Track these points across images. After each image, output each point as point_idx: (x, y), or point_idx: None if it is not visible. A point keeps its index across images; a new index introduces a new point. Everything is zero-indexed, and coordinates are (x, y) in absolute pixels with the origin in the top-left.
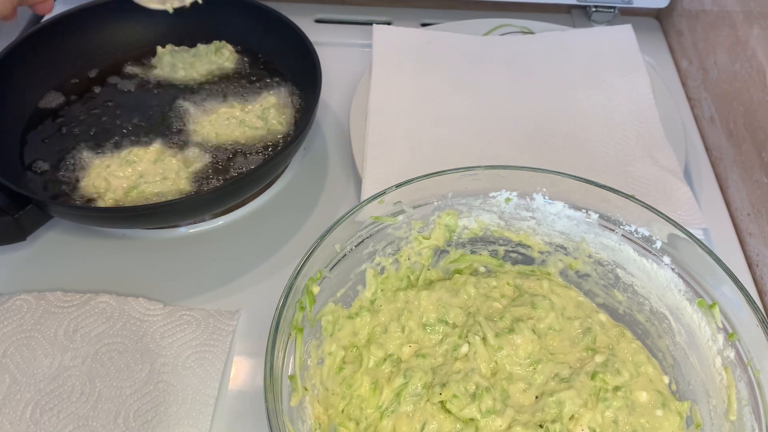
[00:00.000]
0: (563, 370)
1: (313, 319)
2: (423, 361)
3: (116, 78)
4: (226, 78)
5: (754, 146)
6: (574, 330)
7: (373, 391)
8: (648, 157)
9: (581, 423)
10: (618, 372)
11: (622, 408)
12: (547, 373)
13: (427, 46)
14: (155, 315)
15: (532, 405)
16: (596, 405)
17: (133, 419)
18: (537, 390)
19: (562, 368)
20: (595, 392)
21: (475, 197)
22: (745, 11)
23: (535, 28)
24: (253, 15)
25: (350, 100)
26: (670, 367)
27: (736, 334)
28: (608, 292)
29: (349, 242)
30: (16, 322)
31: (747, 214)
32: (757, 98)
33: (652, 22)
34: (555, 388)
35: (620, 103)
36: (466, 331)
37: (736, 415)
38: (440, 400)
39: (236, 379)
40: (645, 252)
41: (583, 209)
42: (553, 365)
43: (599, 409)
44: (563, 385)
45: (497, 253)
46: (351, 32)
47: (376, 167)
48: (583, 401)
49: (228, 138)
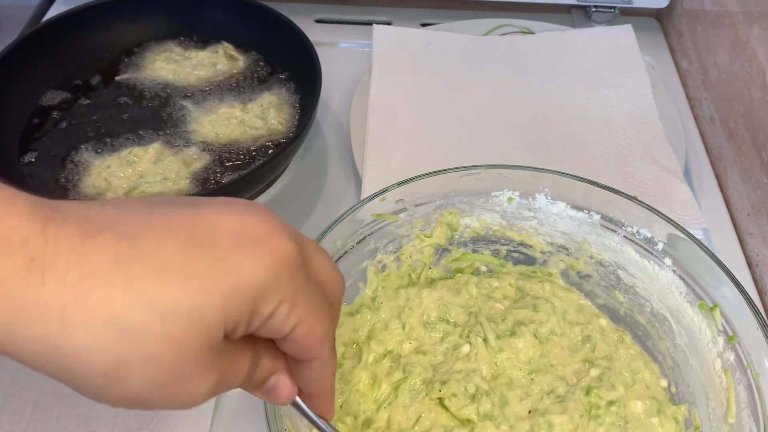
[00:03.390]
0: (560, 387)
1: None
2: (423, 357)
3: (116, 78)
4: (226, 78)
5: (754, 146)
6: (575, 336)
7: (371, 385)
8: (648, 157)
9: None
10: (613, 387)
11: (614, 425)
12: (543, 386)
13: (427, 46)
14: None
15: (524, 420)
16: (588, 425)
17: (133, 419)
18: (532, 403)
19: (560, 384)
20: (588, 409)
21: (477, 196)
22: (745, 11)
23: (535, 28)
24: (253, 15)
25: (350, 100)
26: (670, 370)
27: (736, 337)
28: (609, 293)
29: (350, 239)
30: None
31: (747, 214)
32: (757, 98)
33: (652, 22)
34: (549, 407)
35: (620, 103)
36: (468, 331)
37: (734, 418)
38: (439, 397)
39: None
40: (646, 253)
41: (585, 210)
42: (551, 378)
43: (590, 428)
44: (557, 406)
45: (499, 253)
46: (351, 32)
47: (376, 167)
48: (574, 426)
49: (228, 138)
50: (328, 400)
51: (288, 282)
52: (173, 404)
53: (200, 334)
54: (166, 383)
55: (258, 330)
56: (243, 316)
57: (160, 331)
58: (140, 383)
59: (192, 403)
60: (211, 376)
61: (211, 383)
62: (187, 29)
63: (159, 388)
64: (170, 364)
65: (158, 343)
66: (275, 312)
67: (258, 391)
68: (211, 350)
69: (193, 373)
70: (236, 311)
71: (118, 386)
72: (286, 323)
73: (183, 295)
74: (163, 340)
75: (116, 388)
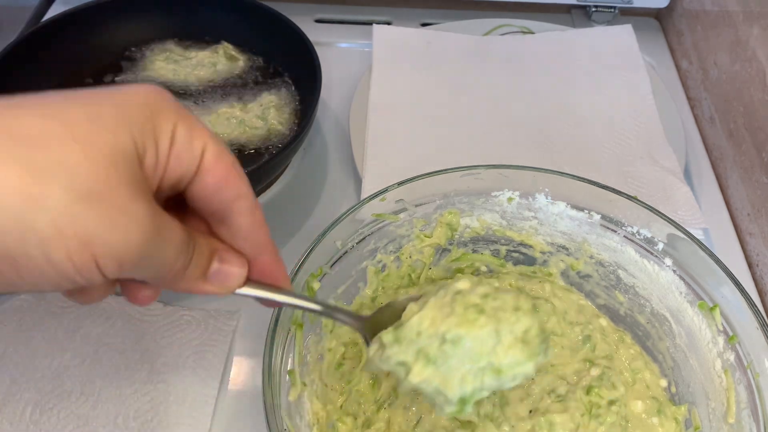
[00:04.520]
0: (560, 387)
1: None
2: None
3: (116, 78)
4: (226, 78)
5: (754, 146)
6: (575, 336)
7: (372, 386)
8: (648, 157)
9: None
10: (613, 386)
11: (615, 424)
12: (544, 385)
13: (427, 46)
14: (155, 315)
15: (525, 420)
16: (588, 424)
17: (132, 419)
18: (532, 403)
19: (560, 384)
20: (588, 408)
21: (478, 196)
22: (745, 11)
23: (535, 28)
24: (253, 15)
25: (350, 100)
26: (670, 370)
27: (736, 337)
28: (609, 293)
29: (350, 239)
30: (16, 322)
31: (747, 214)
32: (757, 98)
33: (652, 22)
34: (549, 407)
35: (620, 103)
36: None
37: (734, 418)
38: None
39: (236, 379)
40: (647, 253)
41: (585, 210)
42: (551, 378)
43: (591, 427)
44: (558, 406)
45: (499, 253)
46: (351, 32)
47: (376, 167)
48: (575, 425)
49: (228, 138)
50: (274, 262)
51: (178, 105)
52: (113, 231)
53: (106, 132)
54: (92, 192)
55: (170, 163)
56: (146, 128)
57: (63, 133)
58: (61, 195)
59: (134, 232)
60: (140, 198)
61: (143, 210)
62: (187, 29)
63: (85, 200)
64: (86, 166)
65: (65, 145)
66: (176, 132)
67: (206, 283)
68: (125, 161)
69: (117, 184)
70: (137, 119)
71: (39, 205)
72: (193, 145)
73: (81, 108)
74: (70, 142)
75: (37, 208)
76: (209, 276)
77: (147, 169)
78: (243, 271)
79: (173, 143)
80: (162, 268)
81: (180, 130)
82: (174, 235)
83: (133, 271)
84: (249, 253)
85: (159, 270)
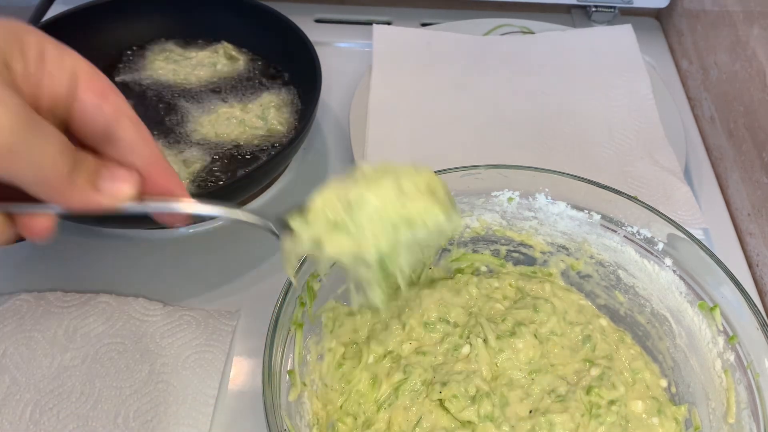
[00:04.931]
0: (560, 387)
1: (314, 315)
2: (423, 358)
3: (116, 78)
4: (226, 78)
5: (754, 146)
6: (575, 336)
7: (371, 386)
8: (648, 157)
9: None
10: (614, 386)
11: (615, 424)
12: (544, 385)
13: (427, 46)
14: (155, 315)
15: (525, 420)
16: (589, 424)
17: (132, 419)
18: (532, 403)
19: (560, 384)
20: (588, 408)
21: (478, 196)
22: (745, 11)
23: (535, 28)
24: (253, 15)
25: (350, 100)
26: (670, 370)
27: (736, 337)
28: (610, 293)
29: None
30: (15, 322)
31: (747, 214)
32: (757, 98)
33: (652, 22)
34: (549, 407)
35: (620, 103)
36: (468, 332)
37: (734, 418)
38: (439, 399)
39: (236, 379)
40: (647, 253)
41: (585, 210)
42: (551, 378)
43: (591, 427)
44: (558, 406)
45: (499, 253)
46: (351, 32)
47: None
48: (575, 425)
49: (228, 138)
50: (167, 174)
51: (45, 34)
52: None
53: None
54: None
55: (43, 79)
56: (9, 38)
57: None
58: None
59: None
60: (9, 90)
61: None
62: (187, 29)
63: None
64: None
65: None
66: (45, 51)
67: (97, 193)
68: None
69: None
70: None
71: None
72: (64, 63)
73: None
74: None
75: None
76: (100, 185)
77: (16, 75)
78: (133, 176)
79: (44, 60)
80: (44, 168)
81: (49, 49)
82: (52, 133)
83: (10, 165)
84: (140, 167)
85: (41, 170)
